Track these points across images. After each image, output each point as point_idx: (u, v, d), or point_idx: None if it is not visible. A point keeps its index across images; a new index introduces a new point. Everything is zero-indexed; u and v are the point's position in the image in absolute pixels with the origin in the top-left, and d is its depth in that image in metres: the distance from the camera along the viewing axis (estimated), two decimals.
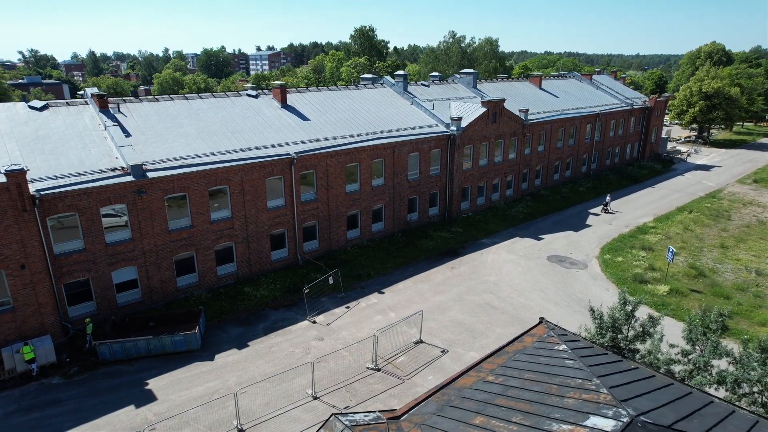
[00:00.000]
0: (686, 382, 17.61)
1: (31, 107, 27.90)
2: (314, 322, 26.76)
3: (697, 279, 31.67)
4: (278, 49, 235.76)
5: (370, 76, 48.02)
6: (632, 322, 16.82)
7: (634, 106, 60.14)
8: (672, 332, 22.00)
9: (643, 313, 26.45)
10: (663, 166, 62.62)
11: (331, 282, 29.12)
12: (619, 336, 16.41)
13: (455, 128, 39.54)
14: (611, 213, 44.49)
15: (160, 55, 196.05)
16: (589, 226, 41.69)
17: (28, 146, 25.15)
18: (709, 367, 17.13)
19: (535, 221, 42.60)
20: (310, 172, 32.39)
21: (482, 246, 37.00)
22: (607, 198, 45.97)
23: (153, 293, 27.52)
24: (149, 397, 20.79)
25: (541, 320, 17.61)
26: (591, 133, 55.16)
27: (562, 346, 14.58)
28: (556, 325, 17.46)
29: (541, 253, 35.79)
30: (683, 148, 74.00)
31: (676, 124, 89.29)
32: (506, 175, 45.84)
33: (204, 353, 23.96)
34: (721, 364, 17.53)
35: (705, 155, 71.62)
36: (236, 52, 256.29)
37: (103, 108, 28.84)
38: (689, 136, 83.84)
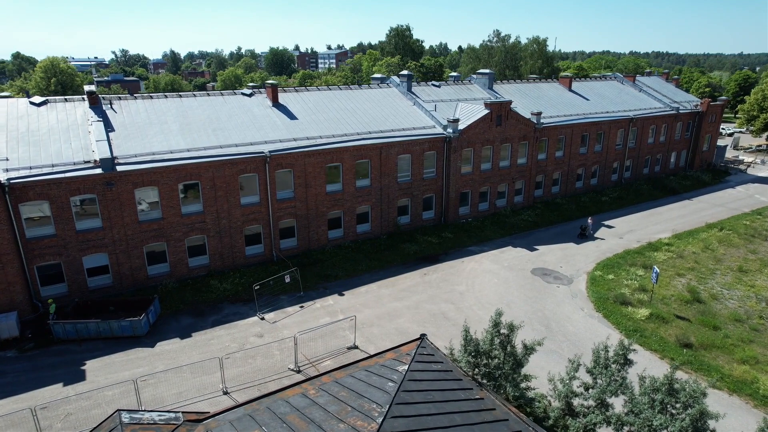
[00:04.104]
0: (580, 419, 16.08)
1: (31, 103, 30.58)
2: (263, 318, 27.17)
3: (689, 305, 28.48)
4: (347, 48, 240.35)
5: (379, 75, 47.72)
6: (508, 348, 15.46)
7: (680, 111, 54.94)
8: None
9: (613, 340, 24.22)
10: (713, 177, 56.74)
11: (287, 280, 29.39)
12: (491, 362, 15.12)
13: (451, 130, 38.32)
14: (591, 239, 38.36)
15: (234, 52, 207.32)
16: (595, 238, 38.79)
17: (15, 139, 27.61)
18: (603, 404, 15.47)
19: (537, 230, 40.33)
20: (287, 170, 32.81)
21: (468, 253, 35.63)
22: (588, 221, 39.66)
23: (123, 279, 29.22)
24: (79, 377, 22.16)
25: (421, 337, 16.81)
26: (623, 139, 51.15)
27: (403, 368, 13.88)
28: (431, 344, 16.58)
29: (527, 265, 33.85)
30: (748, 158, 66.61)
31: (749, 131, 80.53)
32: (514, 181, 43.70)
33: (149, 340, 25.12)
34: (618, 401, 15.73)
35: None
36: (308, 51, 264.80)
37: (93, 104, 30.97)
38: (761, 145, 75.25)
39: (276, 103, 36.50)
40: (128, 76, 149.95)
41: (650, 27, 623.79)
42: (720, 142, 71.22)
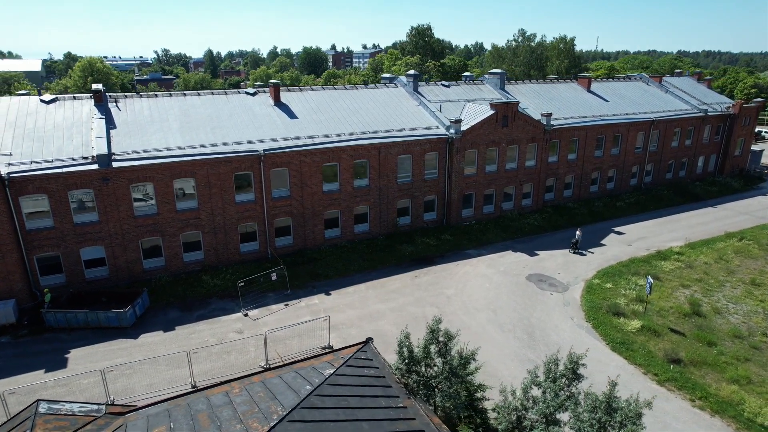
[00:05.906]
0: None
1: (41, 101, 32.04)
2: (246, 315, 27.54)
3: (687, 318, 27.02)
4: (381, 47, 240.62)
5: (388, 75, 47.51)
6: (448, 358, 15.03)
7: (709, 113, 52.20)
8: (618, 376, 18.96)
9: (598, 352, 23.03)
10: (744, 183, 53.66)
11: (274, 278, 29.66)
12: (426, 371, 14.73)
13: (454, 131, 37.74)
14: (581, 254, 35.72)
15: (271, 51, 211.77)
16: (602, 245, 37.37)
17: (21, 135, 28.98)
18: (548, 419, 14.88)
19: (542, 235, 39.20)
20: (283, 169, 33.10)
21: (465, 256, 35.01)
22: (577, 233, 36.55)
23: (119, 272, 30.22)
24: (61, 365, 23.08)
25: (366, 341, 16.68)
26: (643, 143, 49.05)
27: (329, 371, 13.75)
28: (374, 349, 16.39)
29: (523, 271, 32.96)
30: None
31: None
32: (522, 183, 42.62)
33: (134, 331, 25.90)
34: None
35: None
36: (344, 50, 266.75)
37: (98, 102, 32.16)
38: None
39: (278, 102, 36.89)
40: (166, 74, 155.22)
41: (701, 24, 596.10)
42: (759, 147, 67.21)
